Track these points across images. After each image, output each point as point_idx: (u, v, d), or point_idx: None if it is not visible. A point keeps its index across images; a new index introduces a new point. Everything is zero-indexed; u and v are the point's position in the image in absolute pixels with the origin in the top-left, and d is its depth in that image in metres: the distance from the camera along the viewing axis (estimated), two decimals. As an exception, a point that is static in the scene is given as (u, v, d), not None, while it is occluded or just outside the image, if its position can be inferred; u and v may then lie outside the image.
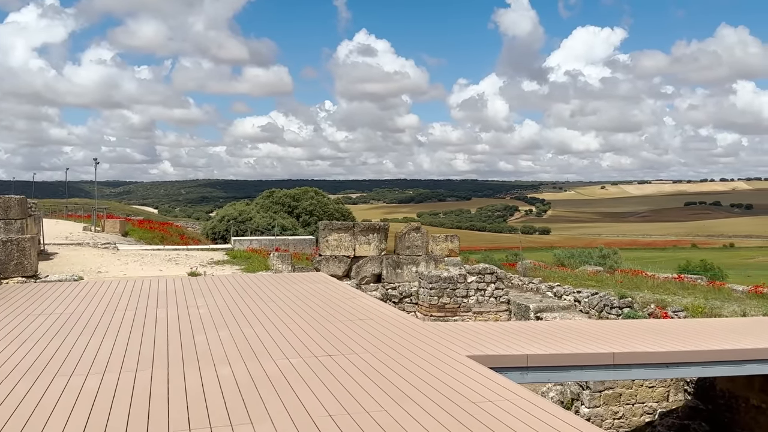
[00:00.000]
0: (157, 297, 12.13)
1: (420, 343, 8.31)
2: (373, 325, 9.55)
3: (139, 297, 12.14)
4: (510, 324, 10.79)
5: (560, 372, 7.78)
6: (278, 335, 8.76)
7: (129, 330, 9.18)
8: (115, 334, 8.87)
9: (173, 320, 9.87)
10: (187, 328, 9.26)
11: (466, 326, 9.86)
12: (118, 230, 32.97)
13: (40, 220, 22.65)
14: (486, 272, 16.68)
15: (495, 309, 16.65)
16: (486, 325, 10.43)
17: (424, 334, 8.89)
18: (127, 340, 8.49)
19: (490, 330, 9.55)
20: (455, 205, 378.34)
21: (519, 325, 10.49)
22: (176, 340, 8.47)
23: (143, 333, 8.95)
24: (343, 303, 11.49)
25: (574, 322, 10.92)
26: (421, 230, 18.79)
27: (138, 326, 9.44)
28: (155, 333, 8.94)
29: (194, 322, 9.71)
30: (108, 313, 10.51)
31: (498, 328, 9.84)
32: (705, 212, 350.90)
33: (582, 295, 15.87)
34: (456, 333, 9.12)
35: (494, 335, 9.09)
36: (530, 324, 10.52)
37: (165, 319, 10.00)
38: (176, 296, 12.25)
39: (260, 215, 53.19)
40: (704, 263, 56.43)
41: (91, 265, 19.06)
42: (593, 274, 21.17)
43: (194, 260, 21.17)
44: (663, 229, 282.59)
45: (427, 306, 16.44)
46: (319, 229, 18.29)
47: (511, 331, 9.53)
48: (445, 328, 9.48)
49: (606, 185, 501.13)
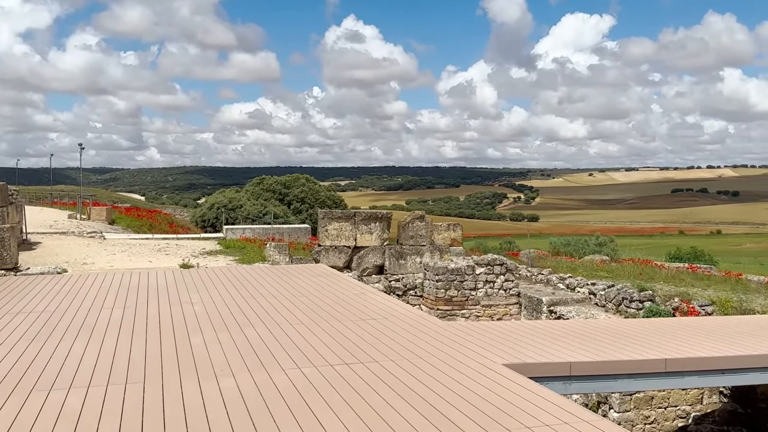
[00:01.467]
0: (148, 292, 11.15)
1: (446, 347, 7.40)
2: (389, 325, 8.63)
3: (127, 292, 11.16)
4: (535, 324, 9.91)
5: (607, 382, 6.91)
6: (285, 338, 7.82)
7: (117, 332, 8.22)
8: (102, 337, 7.91)
9: (166, 320, 8.91)
10: (182, 330, 8.31)
11: (491, 326, 8.96)
12: (105, 218, 31.85)
13: (22, 207, 21.54)
14: (495, 263, 15.79)
15: (505, 302, 15.78)
16: (511, 325, 9.54)
17: (448, 336, 7.99)
18: (114, 345, 7.53)
19: (517, 330, 8.66)
20: (444, 192, 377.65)
21: (545, 325, 9.60)
22: (170, 345, 7.52)
23: (133, 335, 7.99)
24: (351, 299, 10.56)
25: (605, 321, 10.05)
26: (425, 219, 17.85)
27: (127, 327, 8.47)
28: (146, 335, 7.99)
29: (190, 322, 8.76)
30: (94, 312, 9.54)
31: (525, 328, 8.95)
32: (692, 199, 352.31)
33: (597, 288, 15.01)
34: (482, 334, 8.22)
35: (524, 337, 8.19)
36: (557, 324, 9.64)
37: (157, 318, 9.04)
38: (168, 291, 11.28)
39: (251, 203, 52.08)
40: (695, 250, 56.01)
41: (76, 256, 18.03)
42: (602, 264, 20.33)
43: (185, 250, 20.16)
44: (650, 216, 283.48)
45: (434, 299, 15.54)
46: (318, 218, 17.32)
47: (541, 331, 8.65)
48: (469, 329, 8.57)
49: (593, 172, 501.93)
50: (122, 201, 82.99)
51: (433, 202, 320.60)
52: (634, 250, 55.60)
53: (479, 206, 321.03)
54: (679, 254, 53.40)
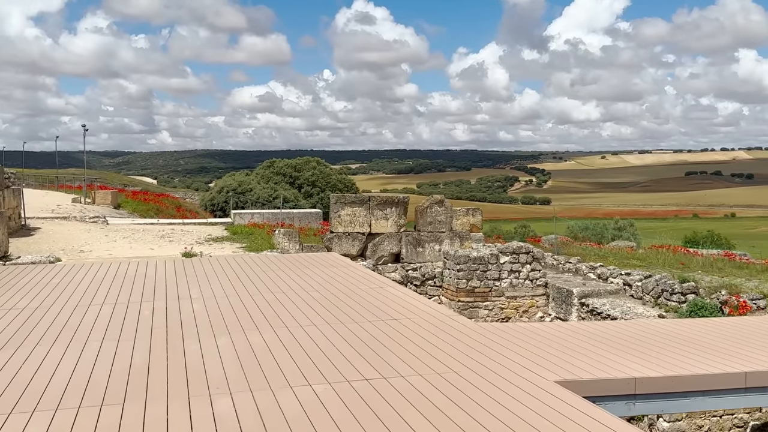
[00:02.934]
0: (144, 286, 10.11)
1: (483, 357, 6.30)
2: (413, 327, 7.54)
3: (121, 286, 10.12)
4: (578, 326, 8.79)
5: (677, 401, 5.79)
6: (294, 345, 6.74)
7: (102, 335, 7.17)
8: (84, 342, 6.87)
9: (160, 320, 7.86)
10: (177, 333, 7.26)
11: (530, 329, 7.84)
12: (110, 202, 30.89)
13: (20, 191, 20.56)
14: (521, 252, 14.65)
15: (531, 293, 14.66)
16: (552, 327, 8.43)
17: (483, 342, 6.88)
18: (96, 353, 6.49)
19: (561, 334, 7.55)
20: (455, 175, 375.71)
21: (590, 327, 8.48)
22: (161, 353, 6.46)
23: (119, 340, 6.94)
24: (369, 295, 9.47)
25: (661, 323, 8.91)
26: (444, 204, 16.70)
27: (114, 329, 7.43)
28: (135, 340, 6.94)
29: (186, 324, 7.71)
30: (80, 309, 8.51)
31: (568, 331, 7.84)
32: (706, 182, 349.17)
33: (633, 278, 13.85)
34: (521, 339, 7.11)
35: (571, 343, 7.09)
36: (605, 326, 8.51)
37: (150, 318, 7.99)
38: (166, 284, 10.23)
39: (261, 186, 51.04)
40: (711, 234, 54.70)
41: (74, 243, 17.04)
42: (631, 252, 19.17)
43: (190, 237, 19.14)
44: (664, 199, 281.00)
45: (454, 290, 14.45)
46: (330, 203, 16.20)
47: (588, 336, 7.53)
48: (504, 332, 7.47)
49: (606, 155, 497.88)
50: (134, 184, 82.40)
51: (444, 185, 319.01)
52: (648, 234, 54.45)
53: (490, 189, 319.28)
54: (696, 238, 52.10)
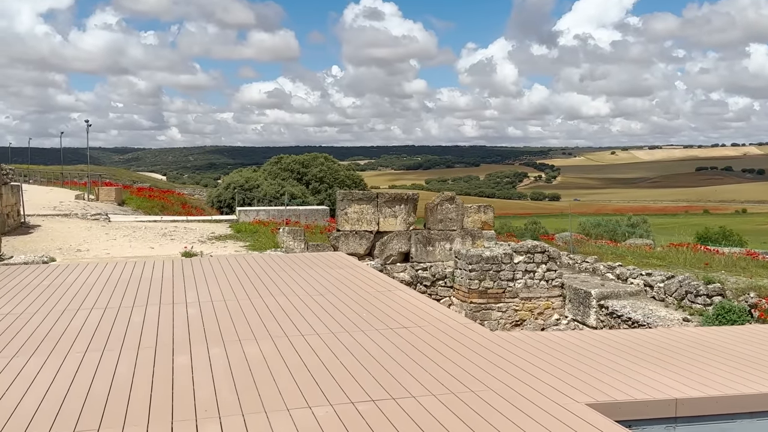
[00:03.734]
0: (137, 289, 9.53)
1: (504, 374, 5.67)
2: (425, 338, 6.91)
3: (114, 289, 9.54)
4: (605, 335, 8.14)
5: (722, 423, 5.15)
6: (294, 358, 6.13)
7: (86, 345, 6.59)
8: (65, 354, 6.28)
9: (150, 328, 7.26)
10: (167, 343, 6.66)
11: (552, 339, 7.20)
12: (114, 198, 30.38)
13: (19, 188, 20.04)
14: (536, 251, 14.00)
15: (546, 294, 14.01)
16: (575, 337, 7.78)
17: (503, 355, 6.25)
18: (77, 366, 5.90)
19: (586, 344, 6.90)
20: (464, 171, 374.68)
21: (619, 336, 7.83)
22: (147, 367, 5.87)
23: (104, 351, 6.35)
24: (377, 299, 8.85)
25: (688, 330, 8.25)
26: (456, 201, 16.04)
27: (100, 339, 6.84)
28: (120, 351, 6.34)
29: (178, 332, 7.11)
30: (67, 315, 7.93)
31: (594, 341, 7.19)
32: (716, 178, 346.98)
33: (654, 279, 13.17)
34: (544, 351, 6.47)
35: (598, 355, 6.45)
36: (634, 336, 7.86)
37: (140, 326, 7.39)
38: (162, 287, 9.64)
39: (268, 182, 50.51)
40: (723, 230, 53.80)
41: (72, 241, 16.50)
42: (649, 250, 18.48)
43: (193, 235, 18.58)
44: (674, 195, 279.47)
45: (466, 291, 13.81)
46: (336, 200, 15.58)
47: (617, 346, 6.89)
48: (525, 342, 6.83)
49: (616, 150, 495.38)
50: (142, 180, 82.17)
51: (453, 181, 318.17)
52: (660, 230, 53.56)
53: (499, 185, 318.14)
54: (708, 234, 51.29)
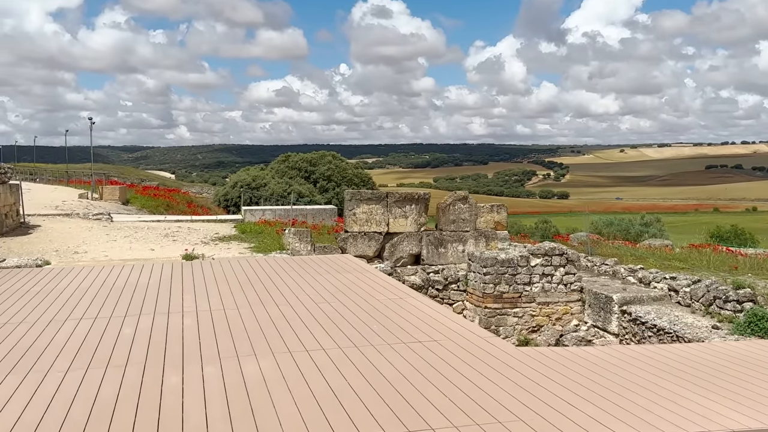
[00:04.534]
0: (132, 296, 8.91)
1: (535, 401, 5.00)
2: (443, 354, 6.25)
3: (106, 296, 8.93)
4: (639, 350, 7.47)
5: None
6: (296, 378, 5.49)
7: (69, 362, 5.97)
8: (45, 372, 5.67)
9: (141, 342, 6.64)
10: (158, 359, 6.04)
11: (582, 356, 6.52)
12: (118, 198, 29.86)
13: (18, 187, 19.50)
14: (554, 253, 13.34)
15: (565, 299, 13.35)
16: (607, 353, 7.09)
17: (531, 376, 5.59)
18: (56, 387, 5.28)
19: (619, 363, 6.23)
20: (472, 169, 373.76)
21: (653, 353, 7.15)
22: (133, 389, 5.24)
23: (88, 369, 5.73)
24: (387, 308, 8.20)
25: (733, 345, 7.55)
26: (469, 200, 15.38)
27: (85, 354, 6.22)
28: (106, 370, 5.72)
29: (171, 346, 6.48)
30: (53, 326, 7.32)
31: (630, 358, 6.51)
32: (726, 176, 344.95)
33: (679, 283, 12.48)
34: (577, 371, 5.81)
35: (637, 376, 5.78)
36: (670, 352, 7.19)
37: (130, 339, 6.77)
38: (158, 294, 9.03)
39: (275, 181, 49.95)
40: (735, 229, 52.92)
41: (71, 243, 15.92)
42: (669, 251, 17.78)
43: (196, 236, 17.98)
44: (683, 193, 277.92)
45: (480, 295, 13.17)
46: (344, 200, 14.94)
47: (654, 363, 6.22)
48: (553, 360, 6.16)
49: (625, 148, 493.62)
50: (150, 179, 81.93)
51: (461, 179, 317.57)
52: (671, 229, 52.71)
53: (508, 183, 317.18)
54: (719, 233, 50.49)
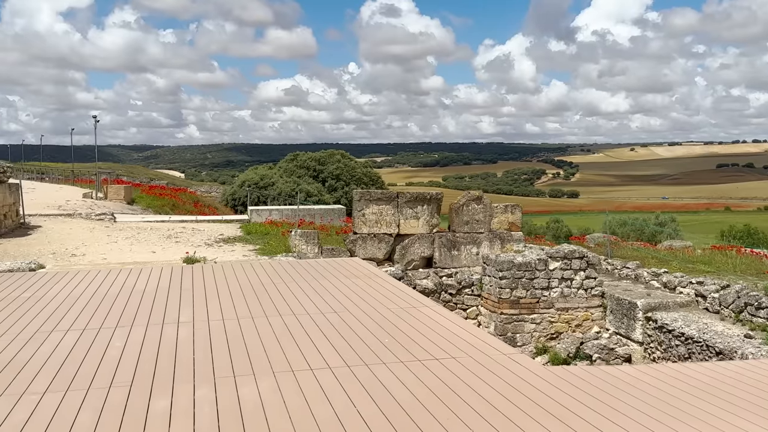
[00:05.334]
0: (125, 304, 8.32)
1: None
2: (462, 374, 5.61)
3: (98, 304, 8.33)
4: (680, 369, 6.80)
5: None
6: (298, 405, 4.87)
7: (48, 382, 5.37)
8: (17, 398, 5.07)
9: (129, 358, 6.03)
10: (146, 380, 5.43)
11: (619, 376, 5.85)
12: (123, 197, 29.36)
13: (18, 186, 18.99)
14: (574, 256, 12.67)
15: (585, 305, 12.68)
16: (643, 371, 6.42)
17: (562, 401, 4.94)
18: (28, 416, 4.68)
19: (661, 385, 5.58)
20: (481, 168, 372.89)
21: (697, 370, 6.48)
22: (115, 415, 4.63)
23: (66, 394, 5.12)
24: (400, 319, 7.57)
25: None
26: (483, 201, 14.71)
27: (65, 375, 5.61)
28: (86, 393, 5.12)
29: (162, 363, 5.87)
30: (37, 338, 6.72)
31: (670, 378, 5.85)
32: (737, 174, 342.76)
33: (707, 288, 11.80)
34: (616, 395, 5.16)
35: (687, 404, 5.13)
36: (717, 370, 6.51)
37: (118, 354, 6.17)
38: (153, 302, 8.43)
39: (283, 180, 49.42)
40: (748, 228, 51.99)
41: (70, 244, 15.38)
42: (690, 253, 17.05)
43: (200, 237, 17.41)
44: (694, 192, 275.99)
45: (496, 300, 12.52)
46: (353, 200, 14.31)
47: (703, 387, 5.55)
48: (586, 382, 5.51)
49: (635, 147, 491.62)
50: (160, 178, 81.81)
51: (470, 178, 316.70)
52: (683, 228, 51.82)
53: (517, 182, 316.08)
54: (732, 232, 49.66)
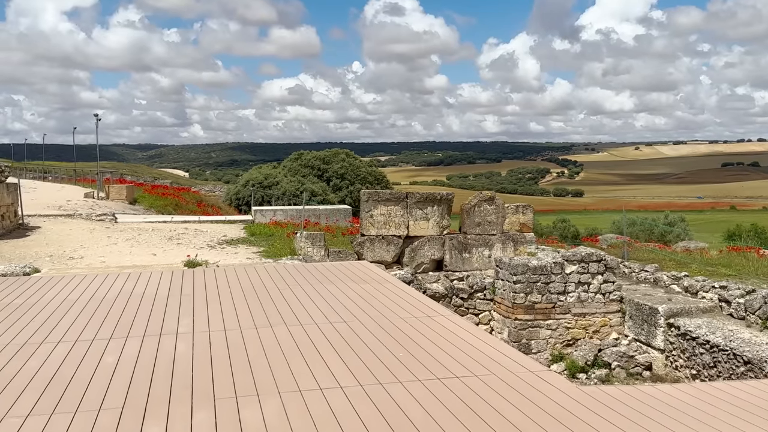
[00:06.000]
0: (121, 312, 7.83)
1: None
2: (487, 395, 5.11)
3: (93, 313, 7.84)
4: (726, 389, 6.28)
5: None
6: (306, 430, 4.38)
7: (32, 403, 4.88)
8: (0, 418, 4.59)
9: (122, 375, 5.54)
10: (140, 400, 4.93)
11: (658, 396, 5.33)
12: (125, 197, 28.91)
13: (16, 186, 18.52)
14: (591, 259, 12.16)
15: (603, 310, 12.17)
16: (683, 391, 5.90)
17: (601, 429, 4.44)
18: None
19: (709, 406, 5.07)
20: (485, 167, 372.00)
21: (744, 391, 5.97)
22: (103, 446, 4.15)
23: (50, 419, 4.63)
24: (414, 329, 7.06)
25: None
26: (495, 201, 14.19)
27: (52, 394, 5.12)
28: (73, 418, 4.63)
29: (158, 381, 5.38)
30: (24, 353, 6.24)
31: (718, 399, 5.33)
32: (743, 173, 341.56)
33: (731, 293, 11.27)
34: (661, 420, 4.65)
35: (742, 428, 4.62)
36: (763, 390, 6.01)
37: (111, 370, 5.68)
38: (151, 311, 7.94)
39: (287, 179, 48.92)
40: (755, 227, 51.35)
41: (68, 246, 14.90)
42: (707, 255, 16.50)
43: (202, 238, 16.92)
44: (699, 191, 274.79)
45: (510, 305, 12.02)
46: (361, 200, 13.80)
47: (755, 410, 5.05)
48: (623, 404, 4.99)
49: (640, 146, 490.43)
50: (164, 177, 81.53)
51: (474, 177, 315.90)
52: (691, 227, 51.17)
53: (521, 181, 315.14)
54: (739, 232, 49.05)
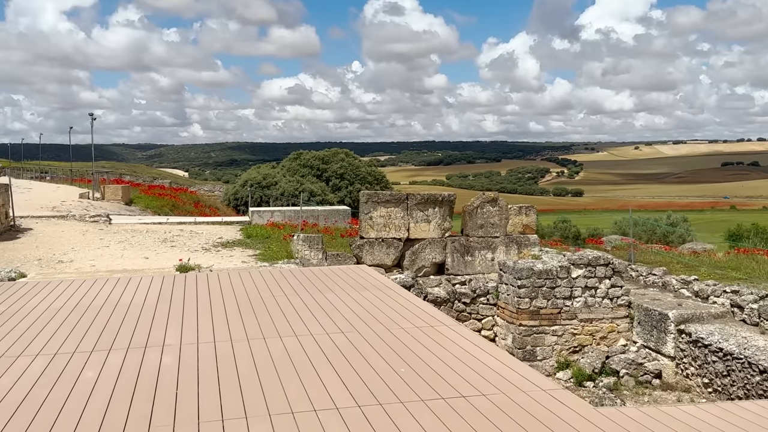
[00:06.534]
0: (106, 322, 7.40)
1: None
2: (496, 418, 4.67)
3: (77, 322, 7.42)
4: (755, 409, 5.87)
5: None
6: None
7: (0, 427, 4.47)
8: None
9: (100, 394, 5.12)
10: (117, 421, 4.51)
11: (689, 420, 4.94)
12: (121, 197, 28.48)
13: (7, 187, 18.11)
14: (598, 263, 11.73)
15: (611, 315, 11.75)
16: (720, 414, 5.51)
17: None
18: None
19: (751, 429, 4.66)
20: (485, 167, 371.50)
21: None
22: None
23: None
24: (417, 341, 6.64)
25: None
26: (499, 203, 13.77)
27: (26, 412, 4.69)
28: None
29: (138, 401, 4.95)
30: (0, 366, 5.83)
31: (752, 424, 4.94)
32: (742, 173, 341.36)
33: (744, 298, 10.85)
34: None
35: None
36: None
37: (89, 388, 5.26)
38: (138, 319, 7.52)
39: (286, 179, 48.51)
40: (756, 227, 50.94)
41: (58, 249, 14.49)
42: (715, 257, 16.10)
43: (197, 240, 16.50)
44: (699, 191, 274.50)
45: (513, 310, 11.60)
46: (360, 201, 13.37)
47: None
48: (653, 430, 4.58)
49: (640, 145, 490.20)
50: (164, 177, 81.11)
51: (474, 177, 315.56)
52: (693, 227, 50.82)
53: (521, 181, 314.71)
54: (740, 232, 48.65)
